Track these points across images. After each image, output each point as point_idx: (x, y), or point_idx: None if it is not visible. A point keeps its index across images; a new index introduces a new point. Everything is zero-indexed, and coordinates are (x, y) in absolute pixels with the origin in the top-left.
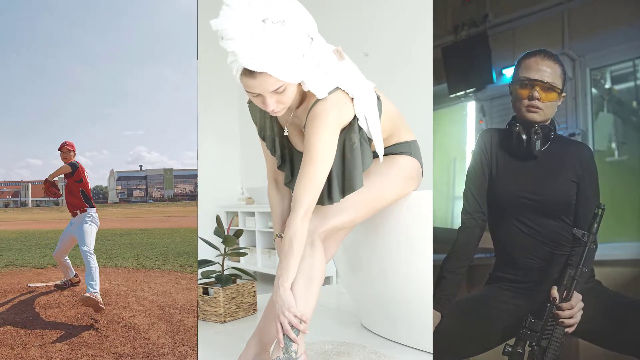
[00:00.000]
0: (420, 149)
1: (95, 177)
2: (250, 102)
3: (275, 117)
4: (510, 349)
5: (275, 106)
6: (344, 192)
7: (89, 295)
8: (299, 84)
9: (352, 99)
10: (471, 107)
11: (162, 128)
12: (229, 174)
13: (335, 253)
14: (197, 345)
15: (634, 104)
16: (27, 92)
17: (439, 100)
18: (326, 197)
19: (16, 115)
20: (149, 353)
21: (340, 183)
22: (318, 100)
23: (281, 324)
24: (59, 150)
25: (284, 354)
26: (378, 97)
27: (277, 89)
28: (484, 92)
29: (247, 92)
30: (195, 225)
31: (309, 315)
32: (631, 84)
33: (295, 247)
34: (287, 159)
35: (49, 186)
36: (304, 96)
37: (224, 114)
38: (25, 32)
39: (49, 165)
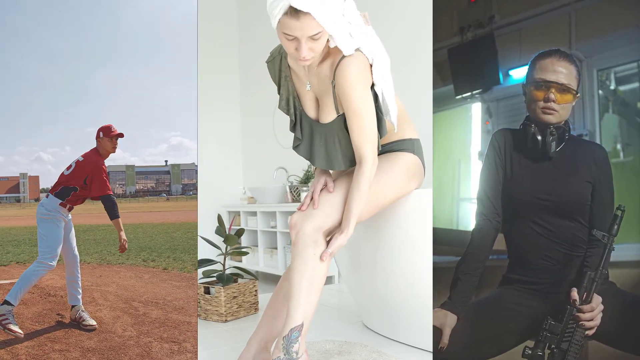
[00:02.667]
0: (423, 150)
1: (58, 173)
2: (269, 62)
3: (291, 78)
4: (529, 352)
5: (307, 53)
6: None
7: (85, 317)
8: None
9: (371, 65)
10: (477, 108)
11: (124, 125)
12: (231, 174)
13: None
14: (197, 347)
15: (639, 105)
16: None
17: (444, 102)
18: (342, 162)
19: None
20: (115, 346)
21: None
22: (345, 56)
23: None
24: (108, 136)
25: (284, 354)
26: None
27: (314, 35)
28: (490, 93)
29: (284, 33)
30: (158, 220)
31: (311, 315)
32: (635, 85)
33: (366, 196)
34: (298, 121)
35: None
36: (327, 54)
37: (225, 113)
38: None
39: (10, 161)
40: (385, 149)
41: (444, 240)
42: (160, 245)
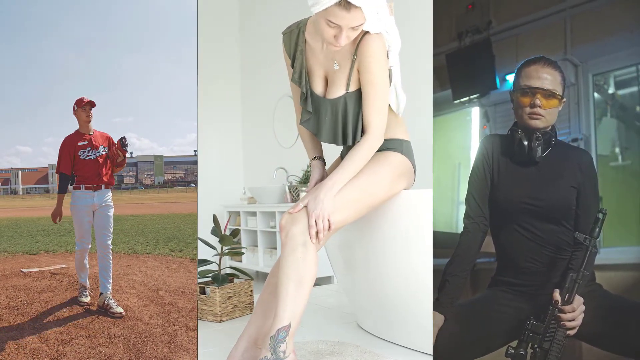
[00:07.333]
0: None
1: None
2: (285, 33)
3: (305, 52)
4: (512, 351)
5: (346, 41)
6: None
7: (113, 305)
8: None
9: (387, 52)
10: (475, 112)
11: (151, 115)
12: (231, 174)
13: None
14: (196, 337)
15: (638, 108)
16: (16, 79)
17: (443, 106)
18: (348, 136)
19: (5, 102)
20: (141, 333)
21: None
22: (367, 32)
23: (308, 216)
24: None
25: (271, 354)
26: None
27: (357, 26)
28: (488, 98)
29: (328, 20)
30: (186, 211)
31: (299, 316)
32: (634, 88)
33: (360, 166)
34: (308, 96)
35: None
36: None
37: (225, 114)
38: (15, 18)
39: (39, 152)
40: None
41: (444, 243)
42: (189, 235)
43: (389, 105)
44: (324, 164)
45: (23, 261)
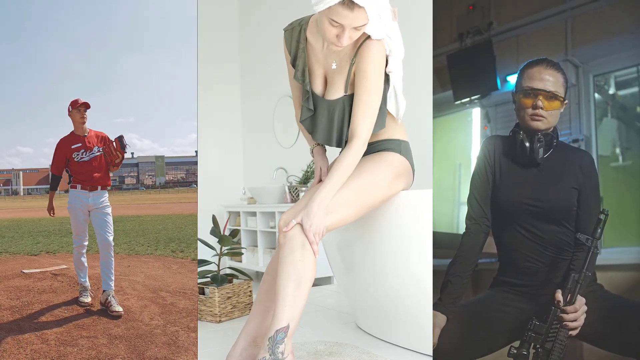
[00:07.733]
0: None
1: None
2: (287, 30)
3: (307, 50)
4: (515, 351)
5: (347, 41)
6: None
7: (113, 303)
8: None
9: (387, 56)
10: (476, 113)
11: (152, 115)
12: (231, 174)
13: None
14: (196, 338)
15: (638, 109)
16: (17, 80)
17: (444, 107)
18: (342, 139)
19: (6, 102)
20: (142, 334)
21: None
22: (369, 37)
23: (305, 232)
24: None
25: (270, 355)
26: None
27: (359, 26)
28: (489, 99)
29: (331, 19)
30: (187, 211)
31: (298, 317)
32: (635, 89)
33: (347, 174)
34: (310, 95)
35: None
36: None
37: (225, 114)
38: (15, 18)
39: (40, 152)
40: (370, 148)
41: (444, 244)
42: (190, 236)
43: (388, 109)
44: (325, 150)
45: (24, 262)
